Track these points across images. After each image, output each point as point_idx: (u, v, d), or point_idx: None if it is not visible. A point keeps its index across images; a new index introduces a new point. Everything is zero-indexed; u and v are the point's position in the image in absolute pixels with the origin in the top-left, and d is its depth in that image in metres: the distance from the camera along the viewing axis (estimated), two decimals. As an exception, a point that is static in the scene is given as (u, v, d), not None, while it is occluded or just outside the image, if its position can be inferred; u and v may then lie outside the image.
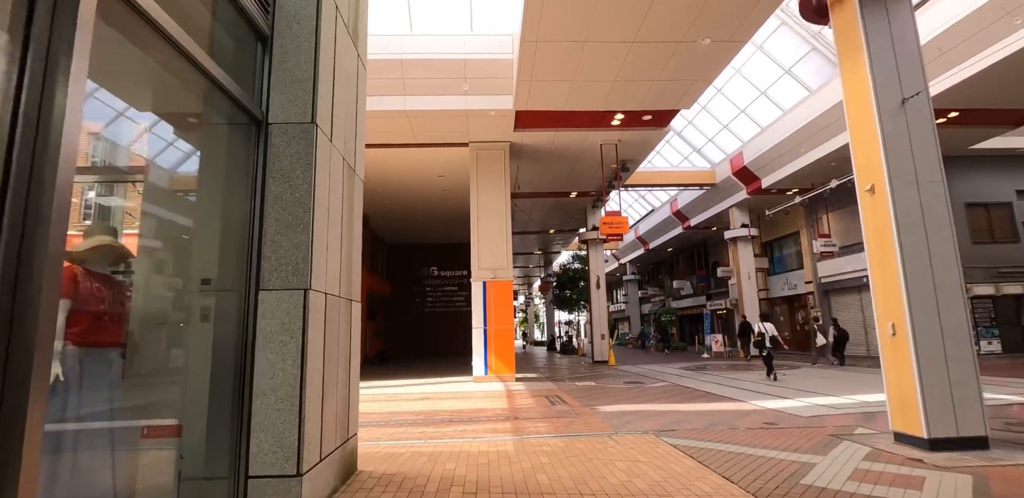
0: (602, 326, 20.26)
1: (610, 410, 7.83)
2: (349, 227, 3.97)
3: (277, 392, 2.86)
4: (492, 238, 13.08)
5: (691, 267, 33.06)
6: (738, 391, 9.94)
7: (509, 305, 12.87)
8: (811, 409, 7.57)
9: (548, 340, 36.46)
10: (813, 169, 17.34)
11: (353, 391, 4.08)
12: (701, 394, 9.66)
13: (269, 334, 2.92)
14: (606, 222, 13.43)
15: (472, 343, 12.69)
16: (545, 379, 13.17)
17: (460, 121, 12.31)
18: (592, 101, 11.59)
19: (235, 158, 3.00)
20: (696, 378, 12.80)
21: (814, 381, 11.45)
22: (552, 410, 7.83)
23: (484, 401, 9.09)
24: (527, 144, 13.88)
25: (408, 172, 15.90)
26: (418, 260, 27.44)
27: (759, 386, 10.67)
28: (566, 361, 21.94)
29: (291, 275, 2.99)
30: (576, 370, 16.54)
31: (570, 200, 20.28)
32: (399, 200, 18.95)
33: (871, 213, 5.54)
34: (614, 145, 14.00)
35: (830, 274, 20.17)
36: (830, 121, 15.07)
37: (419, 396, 10.15)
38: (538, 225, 25.00)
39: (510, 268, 13.02)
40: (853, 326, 19.52)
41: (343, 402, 3.71)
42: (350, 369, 3.95)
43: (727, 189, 21.61)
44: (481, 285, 12.87)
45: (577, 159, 15.23)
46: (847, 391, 9.47)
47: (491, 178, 13.35)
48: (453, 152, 14.09)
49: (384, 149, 13.86)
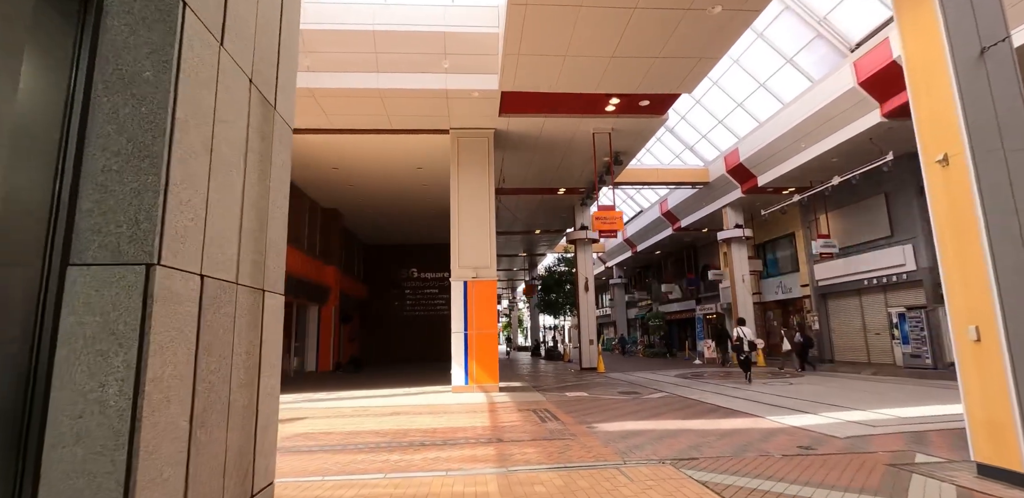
0: (590, 331, 19.15)
1: (611, 429, 6.68)
2: (261, 182, 2.75)
3: (87, 441, 1.65)
4: (474, 234, 11.90)
5: (680, 270, 32.18)
6: (748, 404, 8.86)
7: (492, 307, 11.69)
8: (843, 428, 6.50)
9: (533, 345, 35.26)
10: (813, 166, 16.47)
11: (267, 424, 2.85)
12: (709, 408, 8.55)
13: (78, 340, 1.71)
14: (599, 217, 12.33)
15: (452, 349, 11.47)
16: (531, 389, 11.99)
17: (440, 104, 11.14)
18: (585, 82, 10.52)
19: (40, 47, 1.79)
20: (695, 387, 11.72)
21: (825, 391, 10.43)
22: (542, 429, 6.65)
23: (463, 417, 7.87)
24: (514, 132, 12.76)
25: (384, 163, 14.68)
26: (397, 261, 26.13)
27: (769, 397, 9.61)
28: (552, 368, 20.78)
29: (125, 241, 1.79)
30: (564, 378, 15.39)
31: (558, 197, 19.19)
32: (374, 195, 17.70)
33: (942, 190, 4.48)
34: (607, 134, 12.93)
35: (828, 277, 19.32)
36: (835, 113, 14.19)
37: (389, 410, 8.90)
38: (523, 225, 23.88)
39: (494, 267, 11.85)
40: (853, 331, 18.68)
41: (242, 443, 2.48)
42: (259, 394, 2.71)
43: (721, 188, 20.70)
44: (462, 285, 11.67)
45: (567, 150, 14.15)
46: (870, 403, 8.45)
47: (474, 169, 12.19)
48: (433, 141, 12.91)
49: (356, 135, 12.64)
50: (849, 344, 18.83)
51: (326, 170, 15.14)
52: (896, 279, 16.23)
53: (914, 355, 15.37)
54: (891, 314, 16.55)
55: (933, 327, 14.88)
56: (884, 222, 16.72)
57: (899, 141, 14.36)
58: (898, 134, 14.03)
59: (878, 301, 17.47)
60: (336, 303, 19.11)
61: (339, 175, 15.66)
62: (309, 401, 10.25)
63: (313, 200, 18.01)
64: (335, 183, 16.39)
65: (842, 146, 14.85)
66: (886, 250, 16.56)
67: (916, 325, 15.36)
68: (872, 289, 17.59)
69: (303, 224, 17.09)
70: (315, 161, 14.36)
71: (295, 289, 15.52)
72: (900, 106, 12.69)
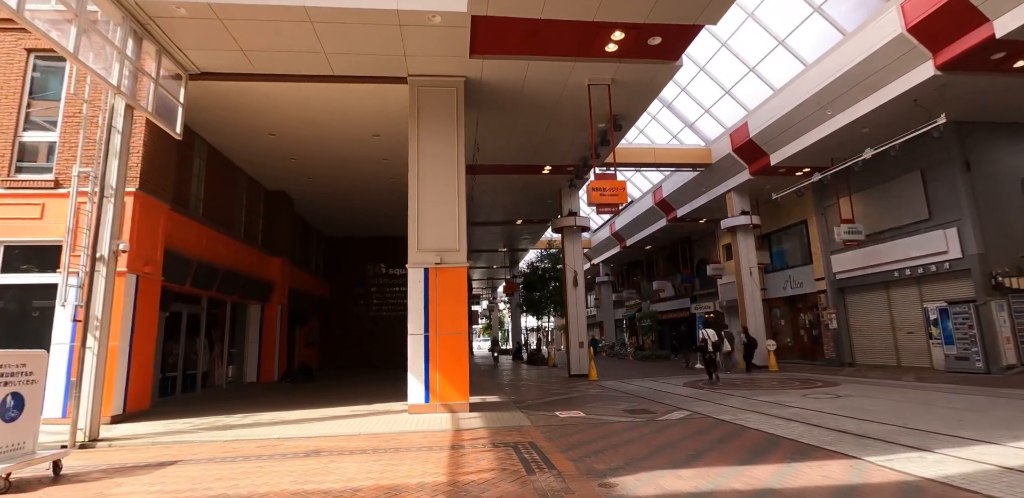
0: (580, 332, 16.65)
1: (643, 493, 4.11)
2: None
3: None
4: (438, 208, 9.30)
5: (674, 266, 29.88)
6: (809, 429, 6.39)
7: (461, 302, 9.08)
8: (1011, 481, 4.03)
9: (514, 348, 32.65)
10: (838, 139, 14.20)
11: None
12: (764, 439, 6.06)
13: None
14: (597, 188, 9.76)
15: (409, 357, 8.83)
16: (511, 405, 9.40)
17: (391, 36, 8.51)
18: (581, 6, 8.00)
19: None
20: (718, 402, 9.25)
21: (891, 406, 8.00)
22: (528, 491, 4.07)
23: (409, 462, 5.25)
24: (489, 83, 10.18)
25: (332, 129, 11.97)
26: (363, 256, 23.31)
27: (826, 417, 7.16)
28: (535, 374, 18.19)
29: None
30: (551, 388, 12.82)
31: (542, 180, 16.65)
32: (326, 173, 14.95)
33: None
34: (606, 87, 10.42)
35: (848, 269, 17.08)
36: (874, 70, 11.89)
37: (310, 446, 6.24)
38: (503, 213, 21.29)
39: (463, 251, 9.24)
40: (878, 330, 16.43)
41: None
42: None
43: (726, 170, 18.37)
44: (422, 274, 9.05)
45: (555, 112, 11.61)
46: (978, 428, 6.02)
47: (439, 127, 9.58)
48: (388, 94, 10.27)
49: (291, 86, 9.95)
50: (873, 345, 16.60)
51: (262, 137, 12.37)
52: (935, 269, 13.99)
53: (960, 357, 13.14)
54: (927, 310, 14.32)
55: (985, 324, 12.65)
56: (920, 203, 14.50)
57: (949, 102, 12.12)
58: (951, 92, 11.78)
59: (910, 295, 15.25)
60: (284, 301, 16.28)
61: (279, 145, 12.89)
62: (213, 428, 7.53)
63: (252, 179, 15.19)
64: (276, 156, 13.60)
65: (878, 112, 12.58)
66: (922, 236, 14.33)
67: (963, 322, 13.13)
68: (903, 281, 15.36)
69: (238, 207, 14.26)
70: (245, 123, 11.59)
71: (226, 283, 12.71)
72: (961, 54, 10.41)
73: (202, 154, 12.32)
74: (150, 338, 9.21)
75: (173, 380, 11.65)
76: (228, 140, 12.52)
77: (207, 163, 12.49)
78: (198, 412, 9.23)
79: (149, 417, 8.66)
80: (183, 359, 11.99)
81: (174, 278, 10.27)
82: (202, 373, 12.88)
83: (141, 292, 8.88)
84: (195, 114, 10.95)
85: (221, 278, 12.42)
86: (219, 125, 11.66)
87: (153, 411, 9.21)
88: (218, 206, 12.92)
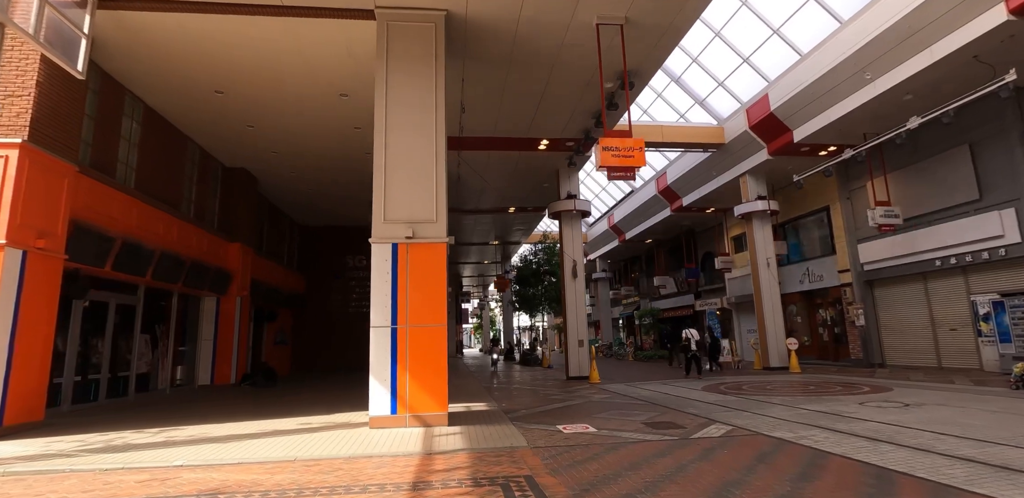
0: (579, 329, 14.82)
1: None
2: None
3: None
4: (411, 170, 7.42)
5: (676, 260, 28.11)
6: (921, 456, 4.58)
7: (440, 287, 7.20)
8: None
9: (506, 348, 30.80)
10: (874, 109, 12.45)
11: None
12: (861, 470, 4.24)
13: None
14: (609, 147, 7.88)
15: (372, 355, 6.92)
16: (502, 417, 7.53)
17: (350, -56, 6.63)
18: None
19: None
20: (756, 412, 7.43)
21: (992, 418, 6.21)
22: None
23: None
24: (477, 21, 8.33)
25: (290, 85, 10.07)
26: (341, 248, 21.38)
27: (915, 436, 5.36)
28: (529, 376, 16.33)
29: None
30: (548, 394, 10.97)
31: (538, 156, 14.81)
32: (292, 147, 13.02)
33: None
34: (618, 30, 8.59)
35: (878, 259, 15.35)
36: (928, 20, 10.13)
37: (208, 483, 4.36)
38: (494, 199, 19.42)
39: (442, 223, 7.36)
40: (913, 327, 14.69)
41: None
42: None
43: (741, 149, 16.61)
44: (389, 251, 7.15)
45: (556, 64, 9.78)
46: None
47: (414, 67, 7.70)
48: (353, 34, 8.40)
49: (232, 20, 8.05)
50: (907, 344, 14.87)
51: (208, 95, 10.44)
52: (987, 256, 12.26)
53: (1019, 357, 11.40)
54: (976, 303, 12.60)
55: (1053, 319, 10.94)
56: (968, 181, 12.76)
57: (1015, 58, 10.36)
58: (1021, 43, 10.03)
59: (955, 287, 13.51)
60: (245, 294, 14.32)
61: (230, 107, 10.98)
62: (105, 449, 5.60)
63: (206, 152, 13.24)
64: (229, 121, 11.66)
65: (929, 72, 10.82)
66: (971, 218, 12.59)
67: (1022, 317, 11.40)
68: (945, 271, 13.63)
69: (186, 182, 12.32)
70: (185, 76, 9.68)
71: (164, 269, 10.76)
72: (1045, -9, 8.64)
73: (135, 115, 10.38)
74: (45, 332, 7.26)
75: (95, 384, 9.69)
76: (168, 99, 10.58)
77: (143, 126, 10.55)
78: (107, 425, 7.30)
79: (35, 432, 6.74)
80: (111, 359, 10.04)
81: (85, 258, 8.32)
82: (138, 375, 10.91)
83: (30, 272, 6.94)
84: (121, 63, 9.07)
85: (157, 262, 10.46)
86: (153, 79, 9.73)
87: (47, 424, 7.27)
88: (158, 178, 10.98)
